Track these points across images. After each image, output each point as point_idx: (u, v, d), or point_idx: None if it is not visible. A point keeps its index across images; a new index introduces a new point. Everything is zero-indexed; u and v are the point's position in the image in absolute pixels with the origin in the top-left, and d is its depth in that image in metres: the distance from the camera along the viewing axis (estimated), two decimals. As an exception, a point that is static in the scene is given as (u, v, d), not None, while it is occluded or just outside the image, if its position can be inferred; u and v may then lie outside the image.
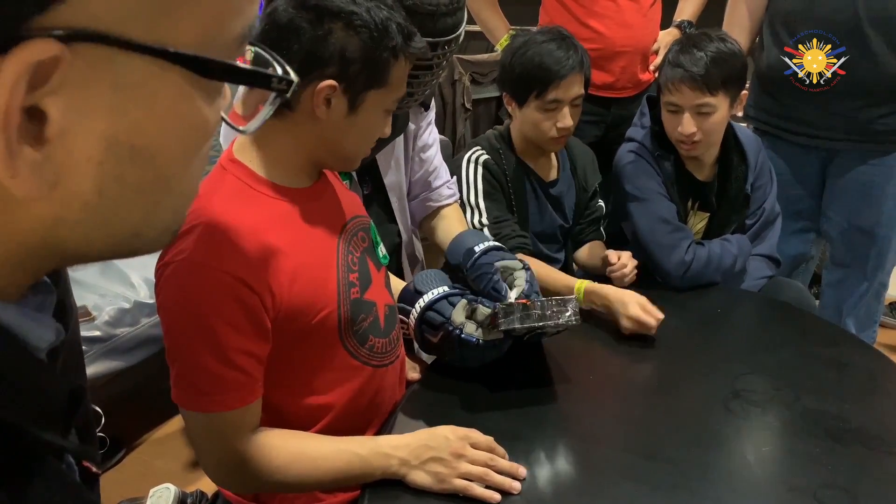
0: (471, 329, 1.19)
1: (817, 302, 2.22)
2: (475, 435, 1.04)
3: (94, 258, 0.41)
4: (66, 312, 0.46)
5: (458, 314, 1.20)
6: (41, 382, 0.40)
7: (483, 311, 1.20)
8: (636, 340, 1.44)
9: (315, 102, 0.97)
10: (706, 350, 1.44)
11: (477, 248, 1.28)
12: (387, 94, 1.01)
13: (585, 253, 1.85)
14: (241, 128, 0.50)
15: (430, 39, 1.27)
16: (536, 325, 1.16)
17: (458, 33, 1.35)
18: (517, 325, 1.15)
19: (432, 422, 1.09)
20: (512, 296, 1.23)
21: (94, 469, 0.48)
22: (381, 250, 1.19)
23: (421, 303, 1.23)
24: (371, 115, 1.01)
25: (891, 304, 2.87)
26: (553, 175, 1.80)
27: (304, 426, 1.06)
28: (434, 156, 1.66)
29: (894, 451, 1.14)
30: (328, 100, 0.98)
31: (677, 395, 1.29)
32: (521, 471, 1.03)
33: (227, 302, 0.90)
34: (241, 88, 0.65)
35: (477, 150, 1.73)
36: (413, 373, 1.32)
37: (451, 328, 1.19)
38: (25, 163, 0.34)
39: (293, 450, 1.00)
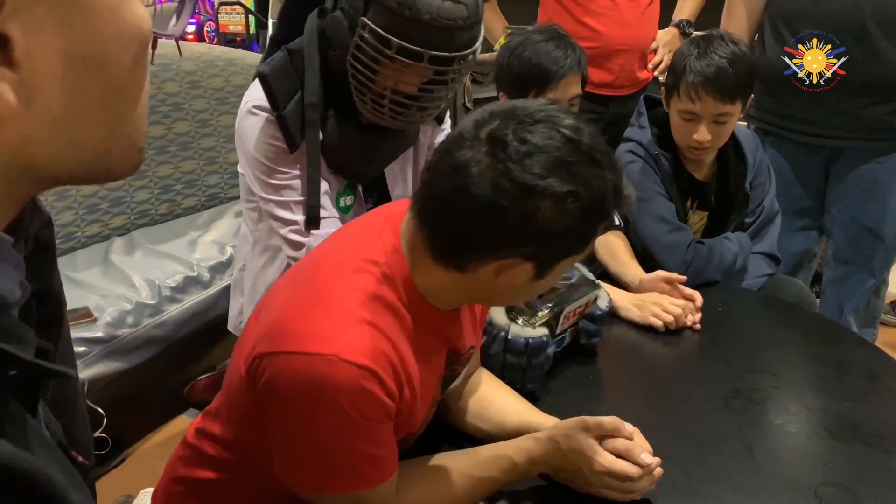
0: (517, 330, 1.16)
1: (818, 300, 2.22)
2: (616, 466, 0.97)
3: (66, 180, 0.43)
4: (57, 301, 0.47)
5: (499, 315, 1.17)
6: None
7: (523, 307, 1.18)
8: (637, 339, 1.44)
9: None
10: (706, 348, 1.44)
11: None
12: None
13: (602, 247, 1.70)
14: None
15: (445, 54, 1.26)
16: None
17: (474, 48, 1.30)
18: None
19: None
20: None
21: (81, 459, 0.48)
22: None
23: None
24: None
25: (892, 302, 2.86)
26: None
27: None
28: None
29: (895, 449, 1.14)
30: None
31: (678, 393, 1.29)
32: (654, 467, 0.99)
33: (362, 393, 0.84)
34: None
35: None
36: None
37: (494, 331, 1.16)
38: (11, 84, 0.36)
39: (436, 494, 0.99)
